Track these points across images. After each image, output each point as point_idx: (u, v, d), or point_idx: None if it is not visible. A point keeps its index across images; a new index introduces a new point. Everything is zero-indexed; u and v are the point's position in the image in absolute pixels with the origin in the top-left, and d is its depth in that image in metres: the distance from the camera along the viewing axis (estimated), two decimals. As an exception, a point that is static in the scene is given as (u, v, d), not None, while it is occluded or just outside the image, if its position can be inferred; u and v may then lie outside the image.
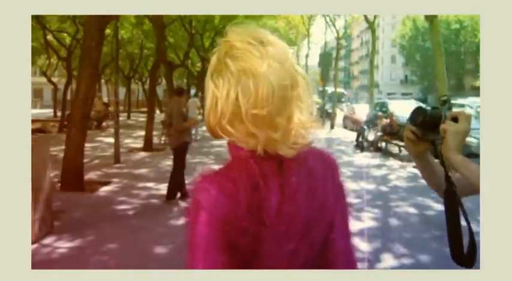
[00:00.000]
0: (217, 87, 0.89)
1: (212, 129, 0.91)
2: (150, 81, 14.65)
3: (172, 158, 6.26)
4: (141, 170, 8.75)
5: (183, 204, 5.87)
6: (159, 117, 15.34)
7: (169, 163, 6.91)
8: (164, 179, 6.62)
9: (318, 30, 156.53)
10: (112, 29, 10.52)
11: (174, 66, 18.88)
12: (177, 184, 6.08)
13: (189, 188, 5.72)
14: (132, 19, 19.35)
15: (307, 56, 34.14)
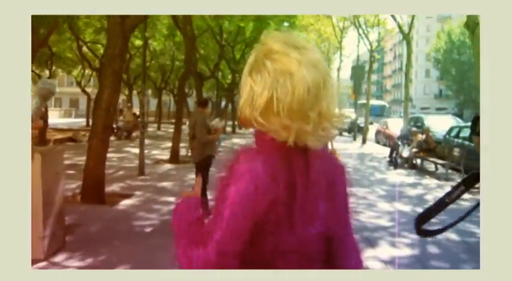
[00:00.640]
0: (255, 83, 1.01)
1: (247, 120, 1.03)
2: (178, 92, 14.67)
3: (196, 171, 5.96)
4: (165, 183, 8.55)
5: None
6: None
7: (195, 177, 6.62)
8: (188, 194, 6.34)
9: (351, 42, 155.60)
10: (142, 39, 10.48)
11: (204, 78, 18.86)
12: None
13: (211, 205, 5.41)
14: (164, 30, 19.50)
15: (339, 69, 33.51)
